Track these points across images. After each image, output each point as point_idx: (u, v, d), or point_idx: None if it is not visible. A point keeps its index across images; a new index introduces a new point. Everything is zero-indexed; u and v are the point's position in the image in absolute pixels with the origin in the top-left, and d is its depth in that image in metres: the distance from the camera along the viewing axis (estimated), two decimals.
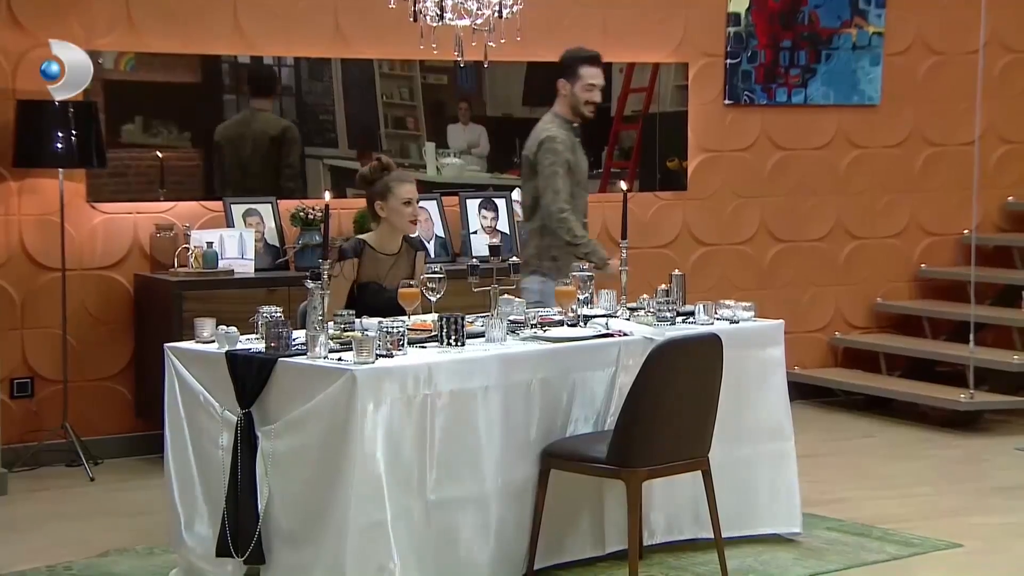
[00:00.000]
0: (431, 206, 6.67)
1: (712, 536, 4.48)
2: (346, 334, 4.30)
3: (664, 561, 4.64)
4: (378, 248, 4.99)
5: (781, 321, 5.03)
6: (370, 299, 4.87)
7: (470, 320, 4.52)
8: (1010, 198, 8.02)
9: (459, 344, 4.30)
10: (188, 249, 6.07)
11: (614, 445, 4.19)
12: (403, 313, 4.58)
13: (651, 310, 4.85)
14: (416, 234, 5.13)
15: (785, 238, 7.69)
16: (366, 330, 4.26)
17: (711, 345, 4.31)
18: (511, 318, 4.61)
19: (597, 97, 5.57)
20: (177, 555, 4.45)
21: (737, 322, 4.91)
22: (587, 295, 4.81)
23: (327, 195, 4.59)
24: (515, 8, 4.81)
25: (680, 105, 7.34)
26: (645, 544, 4.61)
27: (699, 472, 4.37)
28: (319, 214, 6.20)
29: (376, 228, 5.05)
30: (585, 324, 4.68)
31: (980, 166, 7.23)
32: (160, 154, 6.31)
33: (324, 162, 6.64)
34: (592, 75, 5.53)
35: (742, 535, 4.81)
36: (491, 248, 4.86)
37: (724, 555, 4.40)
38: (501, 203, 6.79)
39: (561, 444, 4.35)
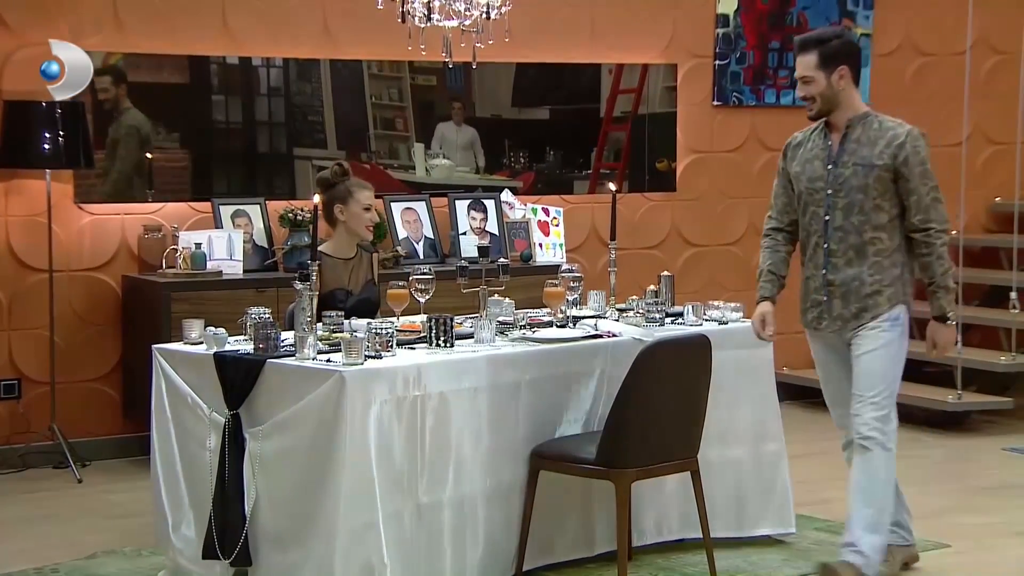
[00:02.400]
0: (420, 207, 6.66)
1: (701, 537, 4.49)
2: (335, 335, 4.30)
3: (653, 562, 4.64)
4: (335, 255, 4.96)
5: None
6: (339, 306, 4.83)
7: (459, 321, 4.52)
8: (997, 199, 8.04)
9: (448, 345, 4.29)
10: (176, 250, 6.05)
11: (603, 446, 4.19)
12: (372, 316, 4.58)
13: (640, 311, 4.86)
14: (371, 237, 5.11)
15: None
16: (355, 331, 4.25)
17: (700, 346, 4.31)
18: (500, 319, 4.61)
19: (799, 91, 4.60)
20: (164, 557, 4.44)
21: (726, 323, 4.92)
22: (576, 296, 4.81)
23: (316, 196, 4.58)
24: (503, 9, 4.81)
25: (669, 106, 7.35)
26: (635, 545, 4.61)
27: (688, 473, 4.38)
28: (308, 215, 6.19)
29: (333, 235, 5.01)
30: (574, 325, 4.68)
31: (967, 167, 7.24)
32: (148, 155, 6.30)
33: (313, 163, 6.63)
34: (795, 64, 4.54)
35: (735, 536, 4.81)
36: (480, 249, 4.87)
37: (713, 556, 4.41)
38: (490, 204, 6.79)
39: (550, 445, 4.35)
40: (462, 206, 6.73)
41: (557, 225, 6.84)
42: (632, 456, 4.17)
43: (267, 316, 4.31)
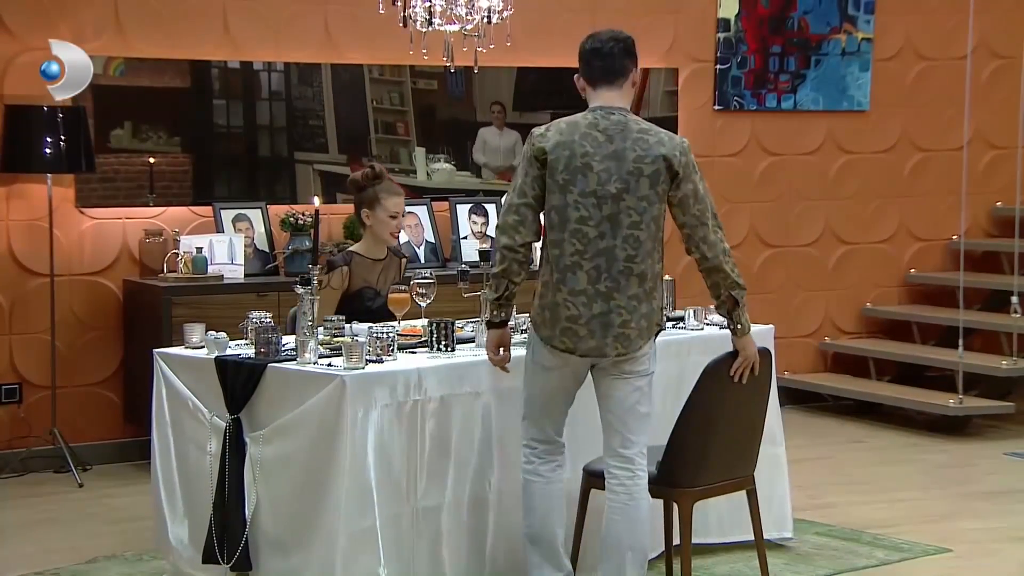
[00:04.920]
0: (421, 211, 6.67)
1: (708, 542, 4.54)
2: (336, 339, 4.30)
3: (656, 567, 4.63)
4: (367, 255, 4.98)
5: (771, 326, 5.03)
6: (368, 304, 4.86)
7: (460, 325, 4.52)
8: (998, 203, 8.04)
9: (449, 349, 4.29)
10: (177, 254, 6.05)
11: (665, 464, 4.06)
12: (395, 319, 4.59)
13: None
14: (397, 243, 5.09)
15: (774, 243, 7.70)
16: (356, 335, 4.25)
17: (760, 360, 4.17)
18: None
19: None
20: (165, 561, 4.44)
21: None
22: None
23: (316, 200, 4.59)
24: (504, 13, 4.82)
25: (670, 111, 7.35)
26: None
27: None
28: (309, 219, 6.20)
29: (363, 236, 5.05)
30: None
31: (968, 171, 7.24)
32: (151, 159, 6.30)
33: (314, 167, 6.63)
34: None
35: (733, 541, 4.80)
36: (481, 253, 4.87)
37: (767, 566, 4.32)
38: (491, 208, 6.79)
39: (601, 462, 4.18)
40: (463, 210, 6.73)
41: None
42: (695, 475, 4.06)
43: (268, 320, 4.31)
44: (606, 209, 3.90)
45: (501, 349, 4.05)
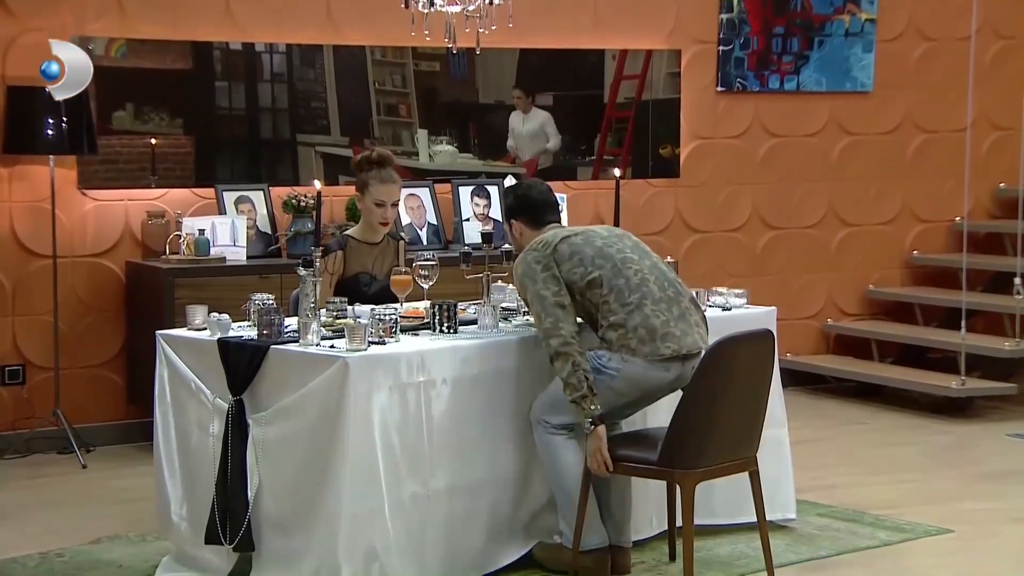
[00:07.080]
0: (423, 193, 6.66)
1: (710, 524, 4.54)
2: (338, 321, 4.30)
3: (658, 547, 4.65)
4: (362, 239, 4.96)
5: (773, 308, 5.03)
6: (363, 289, 4.86)
7: (462, 307, 4.52)
8: (1002, 185, 8.02)
9: (451, 331, 4.29)
10: (180, 236, 6.06)
11: (667, 446, 4.05)
12: (395, 302, 4.58)
13: None
14: (393, 228, 5.06)
15: (777, 225, 7.69)
16: (358, 317, 4.25)
17: (764, 341, 4.18)
18: (503, 305, 4.60)
19: None
20: (168, 541, 4.45)
21: (730, 309, 4.92)
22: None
23: (318, 183, 4.58)
24: None
25: (673, 92, 7.34)
26: (645, 536, 4.61)
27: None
28: (311, 201, 6.19)
29: (360, 219, 5.03)
30: None
31: (972, 153, 7.23)
32: (152, 141, 6.30)
33: (316, 149, 6.63)
34: None
35: (737, 523, 4.81)
36: (483, 235, 4.86)
37: (770, 551, 4.30)
38: (493, 190, 6.79)
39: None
40: (465, 192, 6.73)
41: (560, 211, 6.83)
42: (697, 456, 4.04)
43: (271, 302, 4.31)
44: (629, 242, 4.35)
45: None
